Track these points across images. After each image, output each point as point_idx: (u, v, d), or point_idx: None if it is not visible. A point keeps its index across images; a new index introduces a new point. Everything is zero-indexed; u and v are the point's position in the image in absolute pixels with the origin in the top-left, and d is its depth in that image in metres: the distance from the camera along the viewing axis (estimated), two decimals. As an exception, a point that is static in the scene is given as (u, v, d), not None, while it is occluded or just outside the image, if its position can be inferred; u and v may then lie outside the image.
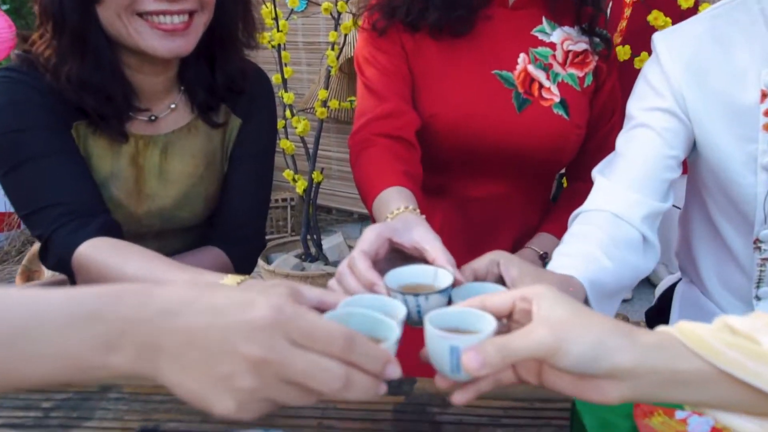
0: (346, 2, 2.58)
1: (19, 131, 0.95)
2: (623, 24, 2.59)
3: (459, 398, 0.57)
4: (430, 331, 0.57)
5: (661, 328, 0.54)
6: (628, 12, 2.63)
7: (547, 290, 0.55)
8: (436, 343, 0.56)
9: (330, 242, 3.10)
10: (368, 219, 1.21)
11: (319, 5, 2.74)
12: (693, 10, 2.03)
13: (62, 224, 0.92)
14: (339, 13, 2.66)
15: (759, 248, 1.01)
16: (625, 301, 2.95)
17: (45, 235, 0.93)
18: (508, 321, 0.60)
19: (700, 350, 0.49)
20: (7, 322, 0.48)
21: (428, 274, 0.73)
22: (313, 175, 2.80)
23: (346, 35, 2.72)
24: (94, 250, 0.89)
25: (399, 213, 0.86)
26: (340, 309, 0.60)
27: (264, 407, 0.48)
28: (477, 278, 0.77)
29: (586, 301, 0.82)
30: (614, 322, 0.53)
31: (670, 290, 1.28)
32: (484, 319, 0.58)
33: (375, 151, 1.05)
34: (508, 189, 1.24)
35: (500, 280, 0.77)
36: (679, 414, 0.69)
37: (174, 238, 1.16)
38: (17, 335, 0.47)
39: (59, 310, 0.48)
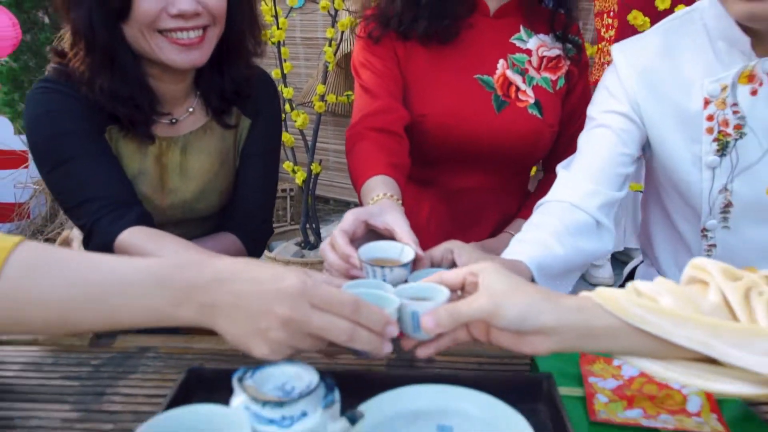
0: (343, 0, 2.71)
1: (60, 135, 1.10)
2: (615, 23, 2.76)
3: (422, 353, 0.74)
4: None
5: (582, 293, 0.69)
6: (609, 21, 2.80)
7: (491, 266, 0.71)
8: (402, 309, 0.72)
9: (328, 231, 3.24)
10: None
11: (317, 2, 2.88)
12: (670, 11, 2.16)
13: (103, 215, 1.07)
14: (336, 11, 2.79)
15: (705, 236, 1.16)
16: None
17: (87, 225, 1.08)
18: (461, 293, 0.76)
19: (612, 309, 0.65)
20: (99, 284, 0.64)
21: (395, 250, 0.89)
22: (312, 167, 2.93)
23: (342, 32, 2.84)
24: (133, 238, 1.05)
25: (378, 199, 1.02)
26: (346, 288, 0.76)
27: (290, 352, 0.65)
28: (433, 263, 0.94)
29: (534, 281, 0.97)
30: (544, 291, 0.69)
31: (635, 270, 1.44)
32: (440, 291, 0.74)
33: (366, 144, 1.20)
34: (489, 181, 1.39)
35: (454, 265, 0.93)
36: (616, 362, 0.85)
37: (193, 226, 1.31)
38: (110, 293, 0.64)
39: (140, 275, 0.64)
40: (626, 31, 2.27)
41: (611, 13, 2.80)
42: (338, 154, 4.02)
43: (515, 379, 0.83)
